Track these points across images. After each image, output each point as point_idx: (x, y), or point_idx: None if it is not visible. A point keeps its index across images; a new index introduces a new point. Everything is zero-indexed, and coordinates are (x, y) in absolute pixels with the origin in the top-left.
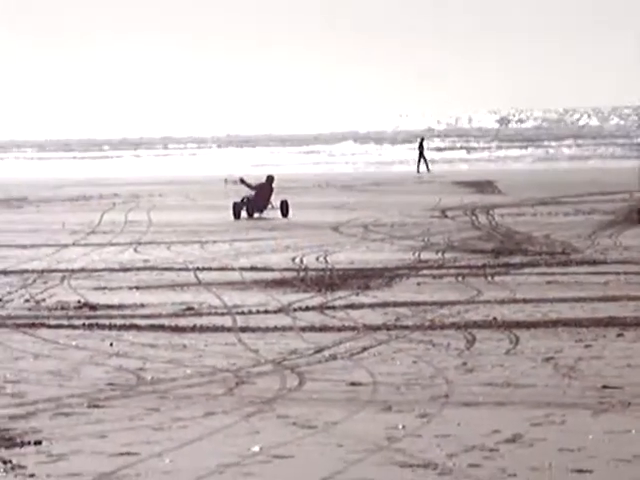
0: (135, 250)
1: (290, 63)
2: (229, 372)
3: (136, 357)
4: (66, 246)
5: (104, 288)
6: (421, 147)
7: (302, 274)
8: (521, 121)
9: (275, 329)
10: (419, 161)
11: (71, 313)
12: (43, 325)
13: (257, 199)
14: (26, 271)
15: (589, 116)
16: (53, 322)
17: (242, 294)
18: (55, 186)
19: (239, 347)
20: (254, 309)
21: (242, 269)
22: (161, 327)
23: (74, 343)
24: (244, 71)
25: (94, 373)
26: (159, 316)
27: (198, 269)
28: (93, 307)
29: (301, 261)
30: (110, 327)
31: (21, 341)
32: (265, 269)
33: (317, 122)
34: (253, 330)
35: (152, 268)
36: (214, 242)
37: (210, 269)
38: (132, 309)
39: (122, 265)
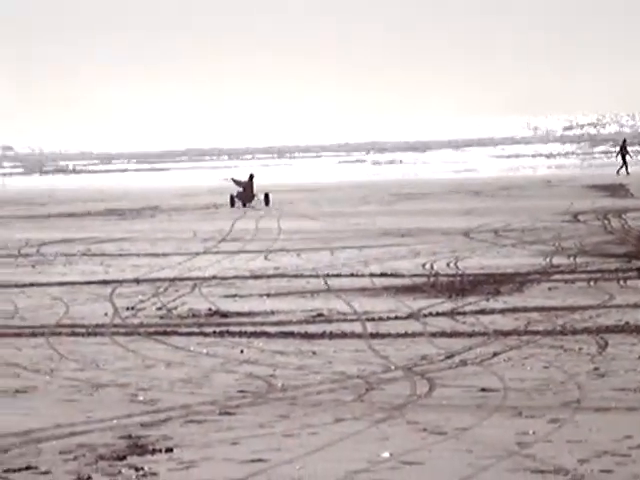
0: (265, 258)
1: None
2: (359, 378)
3: (266, 364)
4: (197, 254)
5: (235, 296)
6: (623, 149)
7: (432, 280)
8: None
9: (405, 335)
10: (624, 162)
11: (202, 321)
12: (175, 333)
13: (244, 193)
14: (158, 279)
15: None
16: (184, 330)
17: (372, 300)
18: (185, 194)
19: (369, 353)
20: (384, 315)
21: (372, 275)
22: (291, 334)
23: (205, 350)
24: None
25: (225, 380)
26: (289, 323)
27: (328, 276)
28: (224, 315)
29: (431, 267)
30: (241, 334)
31: (153, 349)
32: (395, 275)
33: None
34: (383, 336)
35: (282, 275)
36: (343, 248)
37: (340, 275)
38: (262, 316)
39: (252, 273)
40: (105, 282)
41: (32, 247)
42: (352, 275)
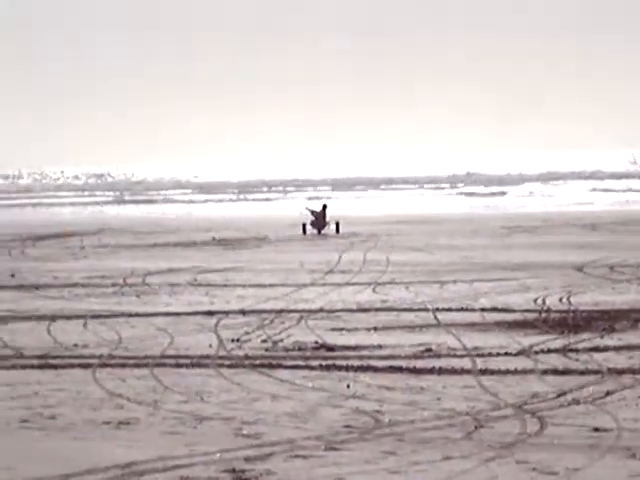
0: (373, 290)
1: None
2: (468, 415)
3: (373, 399)
4: (304, 286)
5: (342, 329)
6: None
7: (544, 315)
8: None
9: (516, 372)
10: None
11: (308, 354)
12: (280, 366)
13: (317, 221)
14: (264, 311)
15: None
16: (290, 363)
17: (482, 335)
18: (293, 225)
19: (478, 390)
20: (494, 351)
21: (483, 310)
22: (399, 369)
23: (311, 384)
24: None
25: (331, 415)
26: (397, 357)
27: (437, 310)
28: (330, 348)
29: (543, 302)
30: (347, 368)
31: (258, 382)
32: (506, 310)
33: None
34: (493, 372)
35: (390, 309)
36: (454, 282)
37: (450, 310)
38: (369, 350)
39: (360, 305)
40: (210, 313)
41: (137, 276)
42: (462, 309)
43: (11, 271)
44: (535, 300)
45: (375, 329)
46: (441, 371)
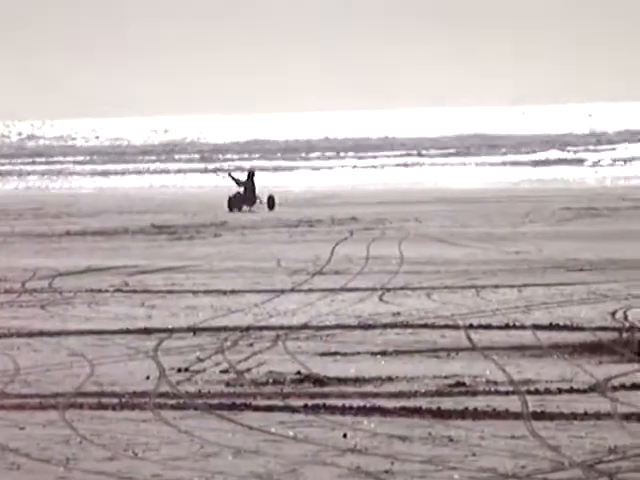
0: (380, 298)
1: None
2: (516, 479)
3: (381, 454)
4: (282, 292)
5: (335, 354)
6: None
7: (626, 336)
8: None
9: (585, 416)
10: None
11: (287, 389)
12: (247, 407)
13: (245, 194)
14: (224, 328)
15: None
16: (262, 402)
17: (536, 364)
18: (262, 205)
19: (531, 442)
20: (553, 386)
21: (536, 327)
22: (417, 411)
23: (291, 433)
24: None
25: (321, 477)
26: (414, 395)
27: (471, 327)
28: (319, 381)
29: (625, 316)
30: (343, 410)
31: (216, 429)
32: (571, 327)
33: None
34: (552, 417)
35: (405, 325)
36: (495, 287)
37: (489, 327)
38: (375, 384)
39: (361, 320)
40: (147, 331)
41: (42, 279)
42: (507, 326)
43: None
44: (613, 314)
45: (383, 354)
46: (478, 414)
